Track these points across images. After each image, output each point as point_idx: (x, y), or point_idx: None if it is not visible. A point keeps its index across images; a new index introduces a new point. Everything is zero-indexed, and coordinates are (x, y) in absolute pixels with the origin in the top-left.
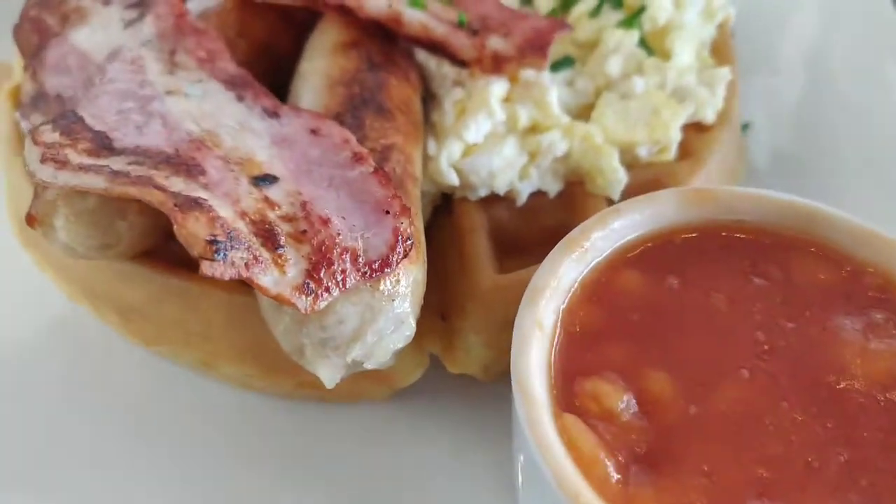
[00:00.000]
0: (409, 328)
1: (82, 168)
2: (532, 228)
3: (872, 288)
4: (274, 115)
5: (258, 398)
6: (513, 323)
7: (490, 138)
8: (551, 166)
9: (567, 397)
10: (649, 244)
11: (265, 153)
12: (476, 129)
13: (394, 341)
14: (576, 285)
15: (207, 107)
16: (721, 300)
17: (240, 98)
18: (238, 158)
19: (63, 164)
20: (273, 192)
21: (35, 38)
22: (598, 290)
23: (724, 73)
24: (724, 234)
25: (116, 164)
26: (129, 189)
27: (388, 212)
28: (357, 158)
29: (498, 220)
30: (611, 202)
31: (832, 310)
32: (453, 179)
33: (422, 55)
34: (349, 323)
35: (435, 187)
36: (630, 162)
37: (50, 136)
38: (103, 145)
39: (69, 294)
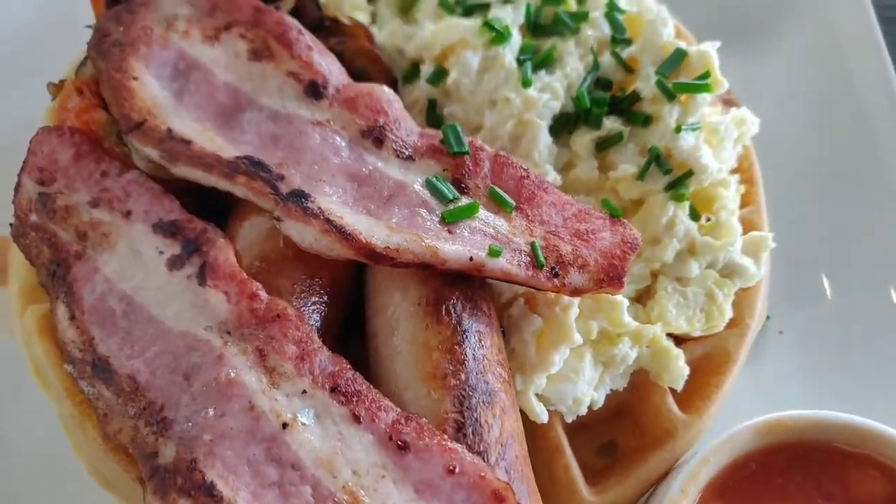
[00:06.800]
0: None
1: None
2: (599, 411)
3: None
4: (404, 448)
5: None
6: None
7: (568, 360)
8: (623, 371)
9: None
10: (730, 475)
11: None
12: (559, 361)
13: None
14: None
15: (330, 439)
16: None
17: (356, 417)
18: None
19: None
20: None
21: (47, 251)
22: None
23: (767, 240)
24: (790, 454)
25: None
26: None
27: None
28: (498, 498)
29: None
30: (673, 390)
31: None
32: (544, 417)
33: None
34: None
35: None
36: (682, 336)
37: None
38: None
39: None
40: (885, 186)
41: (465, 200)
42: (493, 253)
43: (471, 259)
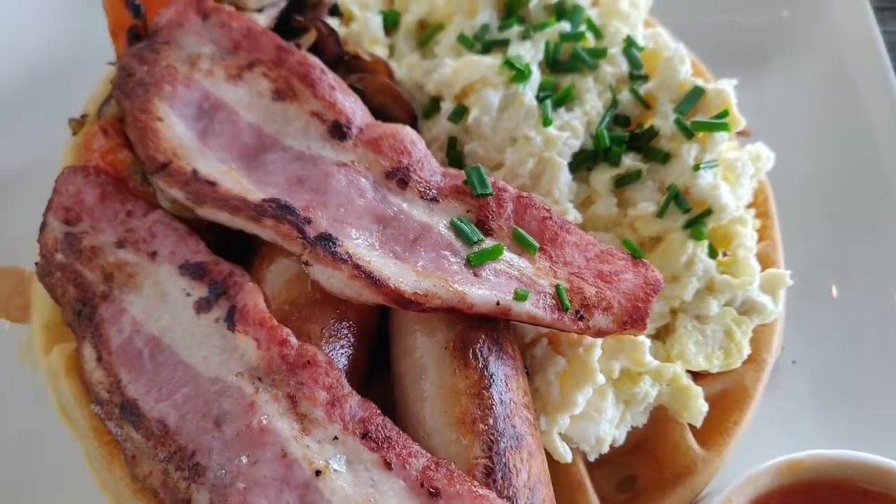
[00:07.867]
0: None
1: None
2: (618, 446)
3: None
4: (435, 494)
5: None
6: None
7: (591, 399)
8: (644, 408)
9: None
10: None
11: None
12: (583, 401)
13: None
14: None
15: (363, 486)
16: None
17: (387, 464)
18: None
19: None
20: None
21: (73, 291)
22: None
23: (784, 277)
24: (810, 494)
25: None
26: None
27: None
28: None
29: None
30: (692, 426)
31: None
32: (568, 456)
33: None
34: None
35: None
36: (700, 371)
37: None
38: None
39: None
40: None
41: (489, 242)
42: (520, 297)
43: (497, 303)
